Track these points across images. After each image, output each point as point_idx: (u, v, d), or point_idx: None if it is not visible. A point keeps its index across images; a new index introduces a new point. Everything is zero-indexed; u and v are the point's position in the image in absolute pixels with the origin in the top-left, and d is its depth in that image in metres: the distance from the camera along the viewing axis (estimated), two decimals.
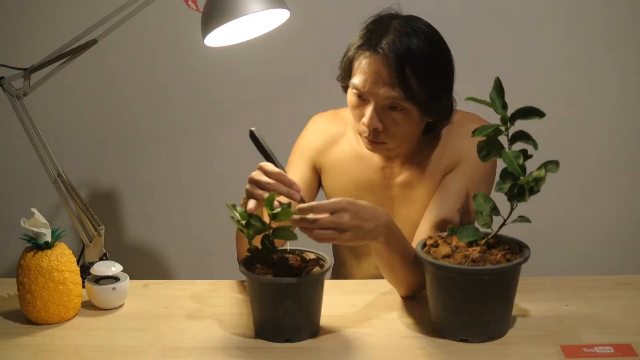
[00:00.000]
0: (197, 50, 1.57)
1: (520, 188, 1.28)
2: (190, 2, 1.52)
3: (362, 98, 1.45)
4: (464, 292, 1.27)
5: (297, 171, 1.61)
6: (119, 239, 2.36)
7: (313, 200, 1.64)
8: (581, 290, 1.48)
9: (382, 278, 1.51)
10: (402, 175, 1.58)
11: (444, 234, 1.37)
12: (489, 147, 1.30)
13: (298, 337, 1.30)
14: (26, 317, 1.39)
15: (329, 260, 1.35)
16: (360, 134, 1.50)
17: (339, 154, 1.61)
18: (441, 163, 1.54)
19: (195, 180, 2.32)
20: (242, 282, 1.58)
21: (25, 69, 1.54)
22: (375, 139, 1.46)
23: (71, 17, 2.18)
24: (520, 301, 1.36)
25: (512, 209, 1.30)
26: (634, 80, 2.22)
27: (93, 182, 2.30)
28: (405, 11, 2.24)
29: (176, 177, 2.34)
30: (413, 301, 1.45)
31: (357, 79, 1.43)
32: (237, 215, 1.29)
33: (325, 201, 1.28)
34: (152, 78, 2.26)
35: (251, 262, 1.33)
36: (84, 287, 1.46)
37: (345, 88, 1.52)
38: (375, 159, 1.59)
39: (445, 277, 1.28)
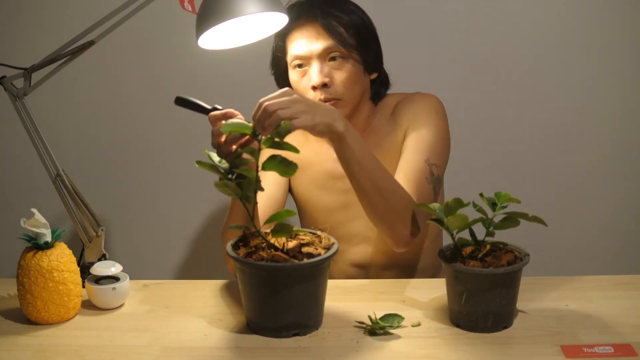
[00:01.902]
0: (196, 51, 1.57)
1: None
2: (186, 4, 1.52)
3: (302, 66, 1.58)
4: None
5: (269, 177, 1.62)
6: (119, 239, 2.36)
7: (285, 198, 1.72)
8: (581, 290, 1.48)
9: (359, 278, 1.60)
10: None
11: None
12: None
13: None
14: (26, 317, 1.39)
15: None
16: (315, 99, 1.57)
17: (301, 157, 1.62)
18: (395, 137, 1.63)
19: (196, 180, 2.32)
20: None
21: (25, 69, 1.54)
22: (328, 96, 1.55)
23: (71, 17, 2.18)
24: (520, 301, 1.36)
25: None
26: (634, 80, 2.22)
27: (93, 182, 2.30)
28: (406, 11, 2.25)
29: (176, 177, 2.34)
30: (413, 301, 1.45)
31: (294, 49, 1.57)
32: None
33: (275, 92, 1.33)
34: (152, 78, 2.26)
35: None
36: (84, 287, 1.46)
37: (280, 80, 1.65)
38: (331, 149, 1.61)
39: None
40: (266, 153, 1.27)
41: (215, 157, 1.29)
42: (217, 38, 1.50)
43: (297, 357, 1.25)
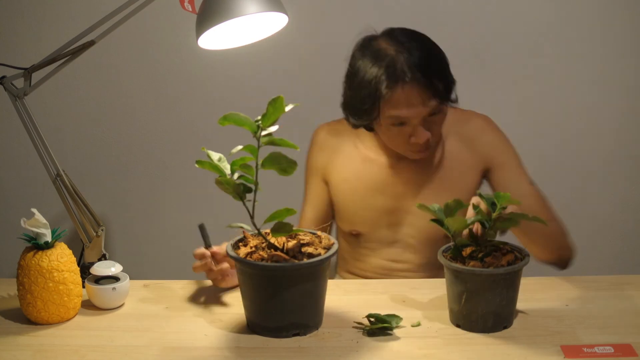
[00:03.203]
0: (197, 52, 1.57)
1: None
2: (186, 4, 1.52)
3: (402, 123, 1.52)
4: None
5: (314, 191, 1.73)
6: (119, 239, 2.36)
7: (331, 215, 1.75)
8: (581, 290, 1.48)
9: (391, 277, 1.62)
10: (410, 172, 1.66)
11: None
12: None
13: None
14: (26, 317, 1.39)
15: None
16: (409, 151, 1.58)
17: (344, 162, 1.69)
18: (471, 162, 1.65)
19: (196, 180, 2.32)
20: None
21: (25, 69, 1.54)
22: (426, 147, 1.57)
23: (71, 17, 2.18)
24: (521, 301, 1.36)
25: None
26: (635, 81, 2.22)
27: (93, 182, 2.30)
28: (406, 10, 2.25)
29: (176, 177, 2.34)
30: (413, 301, 1.45)
31: (396, 111, 1.50)
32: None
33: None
34: (152, 78, 2.26)
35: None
36: (84, 287, 1.46)
37: (369, 128, 1.59)
38: (382, 160, 1.66)
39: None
40: None
41: (215, 156, 1.29)
42: (217, 38, 1.50)
43: (297, 357, 1.25)
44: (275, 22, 1.51)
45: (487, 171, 1.67)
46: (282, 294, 1.28)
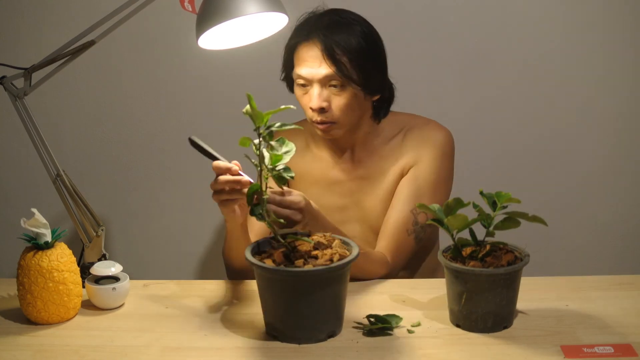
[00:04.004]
0: (197, 52, 1.58)
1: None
2: (186, 4, 1.52)
3: (306, 85, 1.60)
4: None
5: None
6: (119, 239, 2.36)
7: None
8: (581, 290, 1.48)
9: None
10: (360, 170, 1.71)
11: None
12: None
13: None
14: (26, 317, 1.39)
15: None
16: (312, 122, 1.62)
17: (302, 162, 1.73)
18: (400, 162, 1.69)
19: (196, 180, 2.32)
20: (242, 281, 1.58)
21: (26, 69, 1.54)
22: (323, 119, 1.59)
23: (72, 17, 2.18)
24: (521, 301, 1.36)
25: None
26: (635, 81, 2.22)
27: (93, 182, 2.30)
28: (405, 10, 2.25)
29: (176, 177, 2.34)
30: (413, 301, 1.45)
31: (298, 68, 1.59)
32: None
33: (284, 199, 1.39)
34: (152, 78, 2.26)
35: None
36: (84, 287, 1.46)
37: (291, 87, 1.67)
38: (332, 158, 1.72)
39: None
40: None
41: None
42: (217, 38, 1.50)
43: (297, 357, 1.25)
44: (275, 22, 1.51)
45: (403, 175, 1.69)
46: (304, 299, 1.27)
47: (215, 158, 1.45)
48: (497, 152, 2.28)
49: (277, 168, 1.28)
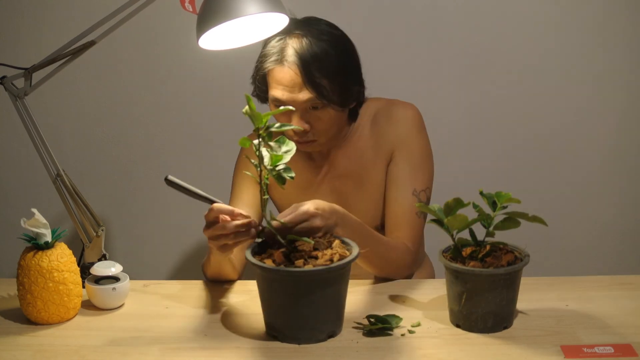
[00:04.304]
0: (197, 52, 1.57)
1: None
2: (187, 4, 1.52)
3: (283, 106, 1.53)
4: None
5: (251, 191, 1.68)
6: (119, 239, 2.36)
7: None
8: (581, 290, 1.48)
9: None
10: (338, 169, 1.68)
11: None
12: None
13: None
14: (26, 317, 1.39)
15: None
16: (293, 140, 1.55)
17: None
18: (379, 151, 1.65)
19: (196, 180, 2.32)
20: (242, 281, 1.58)
21: (26, 69, 1.54)
22: (305, 139, 1.57)
23: (72, 17, 2.18)
24: (520, 301, 1.36)
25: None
26: (635, 81, 2.22)
27: (93, 182, 2.30)
28: (405, 9, 2.25)
29: (177, 177, 2.33)
30: (413, 301, 1.45)
31: (275, 92, 1.54)
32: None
33: (294, 214, 1.37)
34: (152, 78, 2.26)
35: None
36: (84, 287, 1.46)
37: (263, 99, 1.62)
38: (308, 158, 1.70)
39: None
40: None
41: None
42: (217, 38, 1.50)
43: (297, 357, 1.25)
44: (275, 22, 1.51)
45: (388, 163, 1.66)
46: (305, 299, 1.27)
47: (197, 196, 1.42)
48: (497, 152, 2.28)
49: (277, 168, 1.28)
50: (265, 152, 1.28)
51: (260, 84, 1.59)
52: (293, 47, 1.52)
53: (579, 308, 1.40)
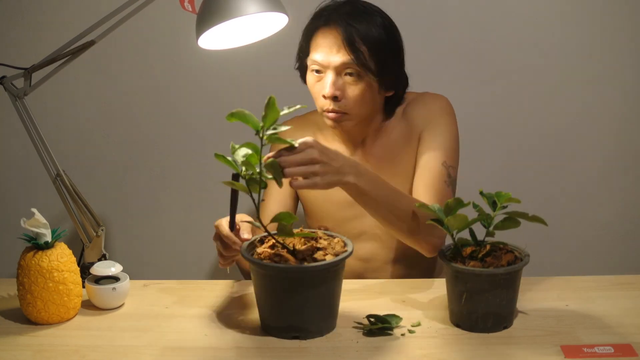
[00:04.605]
0: (197, 51, 1.58)
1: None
2: (186, 4, 1.52)
3: (320, 72, 1.56)
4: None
5: (274, 189, 1.69)
6: (119, 239, 2.36)
7: (295, 210, 1.76)
8: (581, 290, 1.48)
9: (362, 271, 1.62)
10: (373, 159, 1.67)
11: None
12: None
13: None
14: (26, 317, 1.39)
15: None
16: (322, 112, 1.59)
17: None
18: (410, 137, 1.65)
19: (196, 180, 2.32)
20: (242, 281, 1.58)
21: (26, 69, 1.54)
22: (335, 108, 1.55)
23: (71, 17, 2.18)
24: (521, 301, 1.36)
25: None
26: (635, 81, 2.22)
27: (93, 182, 2.30)
28: (405, 10, 2.24)
29: (176, 177, 2.34)
30: (413, 301, 1.45)
31: (314, 54, 1.56)
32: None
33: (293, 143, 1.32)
34: (152, 78, 2.26)
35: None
36: (84, 287, 1.46)
37: (304, 76, 1.63)
38: (343, 151, 1.67)
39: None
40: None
41: (241, 152, 1.28)
42: (217, 38, 1.50)
43: (297, 357, 1.25)
44: (275, 22, 1.51)
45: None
46: (299, 296, 1.28)
47: (232, 211, 1.43)
48: (497, 152, 2.28)
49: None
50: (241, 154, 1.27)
51: (303, 54, 1.61)
52: (338, 9, 1.55)
53: (579, 308, 1.40)
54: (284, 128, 1.27)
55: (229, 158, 1.27)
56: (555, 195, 2.30)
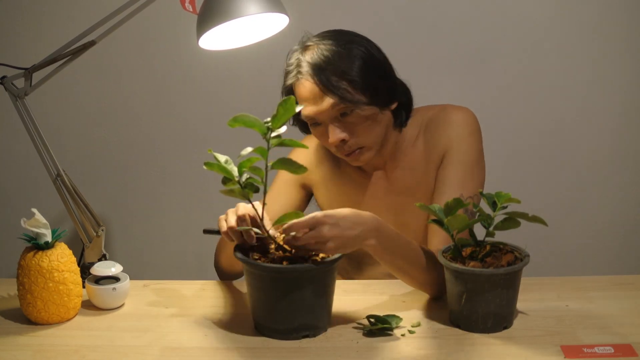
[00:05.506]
0: (197, 52, 1.58)
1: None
2: (187, 5, 1.52)
3: (319, 123, 1.50)
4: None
5: (292, 196, 1.67)
6: (119, 239, 2.36)
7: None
8: (581, 290, 1.48)
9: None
10: (396, 183, 1.61)
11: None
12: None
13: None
14: (26, 317, 1.39)
15: None
16: (340, 155, 1.54)
17: (327, 172, 1.65)
18: (431, 158, 1.57)
19: (196, 180, 2.32)
20: (241, 281, 1.58)
21: (26, 69, 1.54)
22: (349, 150, 1.50)
23: (72, 17, 2.18)
24: (520, 301, 1.36)
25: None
26: (635, 81, 2.22)
27: (93, 182, 2.30)
28: (406, 12, 2.25)
29: (176, 177, 2.34)
30: (413, 301, 1.45)
31: (303, 110, 1.49)
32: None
33: (302, 218, 1.29)
34: (152, 78, 2.26)
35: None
36: (84, 287, 1.46)
37: (305, 128, 1.58)
38: (364, 178, 1.63)
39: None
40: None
41: (221, 158, 1.29)
42: (218, 39, 1.50)
43: (297, 357, 1.25)
44: (275, 22, 1.51)
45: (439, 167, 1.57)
46: (291, 296, 1.28)
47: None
48: (497, 152, 2.27)
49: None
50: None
51: (296, 114, 1.52)
52: (305, 59, 1.48)
53: (579, 308, 1.40)
54: (282, 130, 1.26)
55: (221, 158, 1.26)
56: (555, 195, 2.30)
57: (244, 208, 1.36)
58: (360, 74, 1.46)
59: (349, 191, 1.65)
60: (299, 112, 1.49)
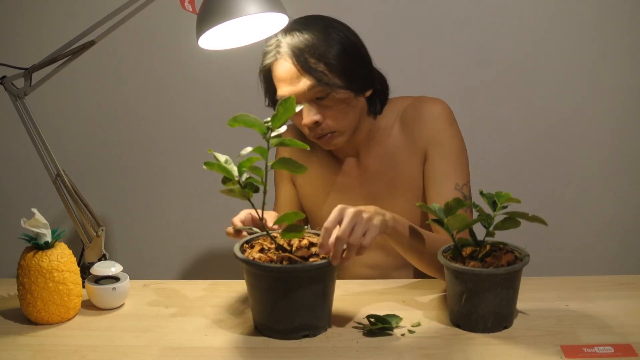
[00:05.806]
0: (197, 52, 1.58)
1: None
2: (186, 4, 1.52)
3: None
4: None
5: (286, 193, 1.72)
6: (119, 239, 2.36)
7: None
8: (581, 290, 1.48)
9: (370, 278, 1.59)
10: (369, 171, 1.64)
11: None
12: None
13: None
14: (26, 317, 1.40)
15: None
16: (312, 137, 1.57)
17: (301, 155, 1.66)
18: (412, 150, 1.61)
19: (196, 180, 2.32)
20: (241, 281, 1.58)
21: (26, 69, 1.54)
22: (321, 132, 1.54)
23: (72, 17, 2.18)
24: (520, 301, 1.36)
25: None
26: (634, 81, 2.22)
27: (93, 182, 2.30)
28: (406, 11, 2.25)
29: (176, 177, 2.34)
30: (413, 301, 1.45)
31: (279, 91, 1.53)
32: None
33: (329, 218, 1.30)
34: (152, 78, 2.26)
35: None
36: (84, 287, 1.46)
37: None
38: (336, 162, 1.67)
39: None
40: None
41: (221, 158, 1.29)
42: (217, 38, 1.50)
43: (297, 357, 1.25)
44: (275, 22, 1.51)
45: (424, 161, 1.61)
46: (291, 296, 1.28)
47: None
48: (497, 152, 2.28)
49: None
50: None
51: (270, 92, 1.58)
52: (285, 40, 1.51)
53: (579, 308, 1.40)
54: (282, 129, 1.26)
55: (221, 158, 1.27)
56: (555, 196, 2.30)
57: (246, 212, 1.43)
58: (337, 58, 1.50)
59: (320, 175, 1.68)
60: (275, 92, 1.55)
